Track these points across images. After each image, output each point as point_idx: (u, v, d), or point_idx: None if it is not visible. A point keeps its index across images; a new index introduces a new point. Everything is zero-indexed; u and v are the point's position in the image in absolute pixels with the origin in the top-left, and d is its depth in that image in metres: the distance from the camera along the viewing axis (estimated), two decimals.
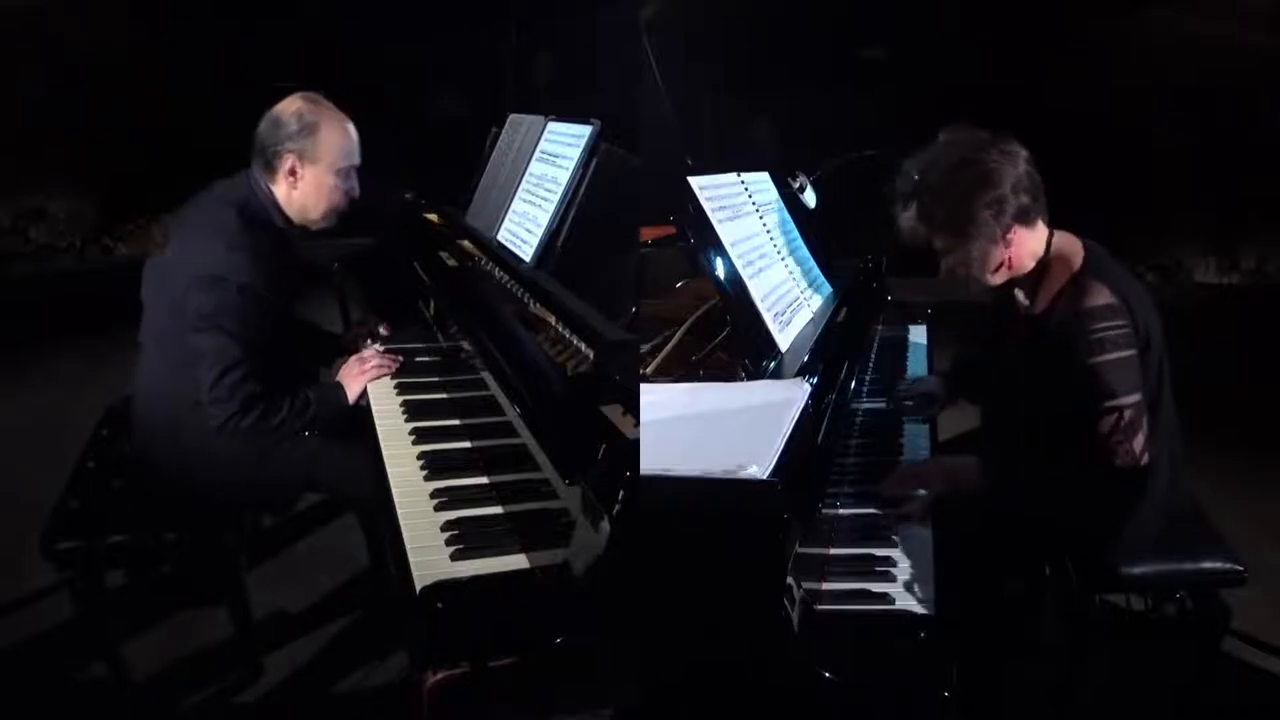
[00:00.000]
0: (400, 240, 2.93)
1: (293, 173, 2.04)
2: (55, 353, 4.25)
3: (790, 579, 1.28)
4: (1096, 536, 1.84)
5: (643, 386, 1.56)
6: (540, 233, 2.27)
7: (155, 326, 2.04)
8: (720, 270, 1.86)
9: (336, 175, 2.07)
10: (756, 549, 1.27)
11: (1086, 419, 1.66)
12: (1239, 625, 2.09)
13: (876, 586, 1.48)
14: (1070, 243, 1.79)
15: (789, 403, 1.50)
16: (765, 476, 1.28)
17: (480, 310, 2.08)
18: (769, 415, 1.46)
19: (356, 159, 2.11)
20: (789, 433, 1.40)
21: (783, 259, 2.16)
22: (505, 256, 2.33)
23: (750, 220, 2.11)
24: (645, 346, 1.93)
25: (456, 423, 1.95)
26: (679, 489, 1.28)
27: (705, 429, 1.50)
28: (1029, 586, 1.98)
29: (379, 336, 2.40)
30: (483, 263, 2.41)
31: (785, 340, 1.89)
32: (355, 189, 2.13)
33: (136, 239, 6.19)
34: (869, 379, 2.35)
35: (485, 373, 1.92)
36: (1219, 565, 1.87)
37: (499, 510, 1.62)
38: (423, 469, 1.76)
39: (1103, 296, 1.67)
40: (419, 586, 1.37)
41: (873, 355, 2.50)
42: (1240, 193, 5.97)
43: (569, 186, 2.27)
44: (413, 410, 2.02)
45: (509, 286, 2.18)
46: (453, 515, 1.59)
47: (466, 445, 1.86)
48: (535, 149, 2.52)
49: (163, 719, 2.19)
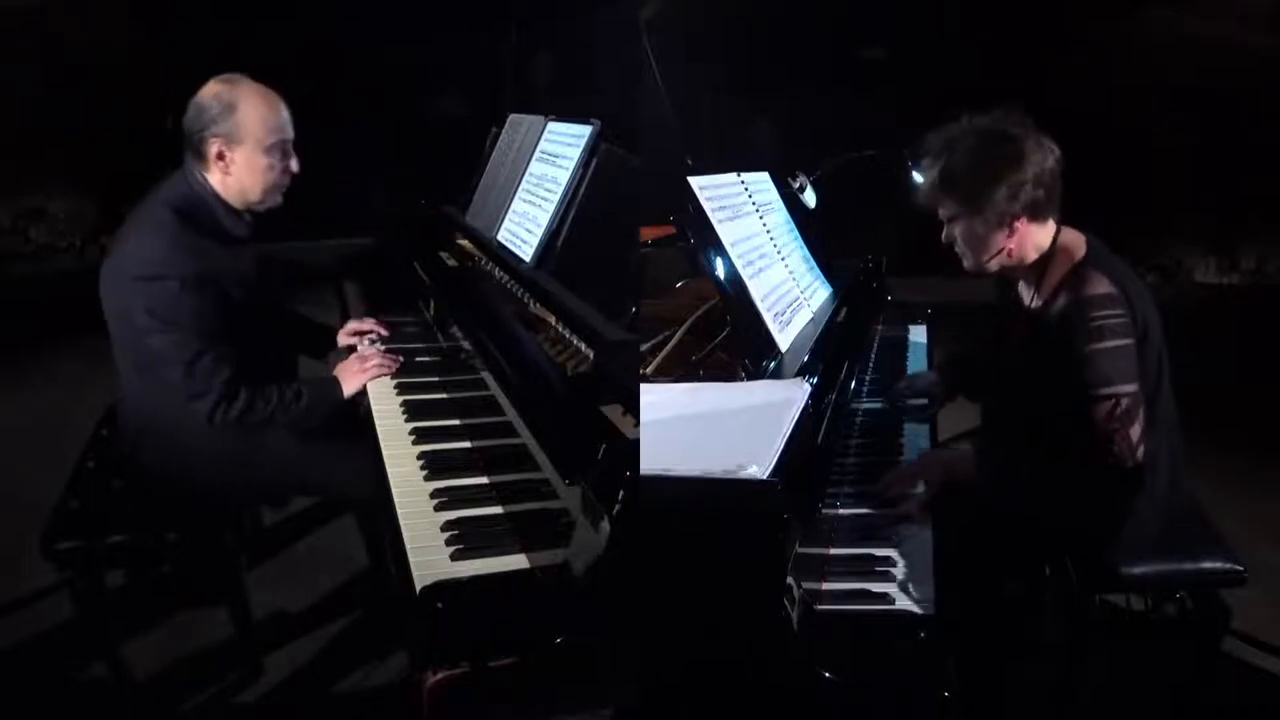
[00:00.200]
0: (400, 240, 2.93)
1: (221, 157, 1.97)
2: (55, 353, 4.25)
3: (790, 579, 1.28)
4: (1096, 535, 1.84)
5: (643, 386, 1.56)
6: (540, 233, 2.27)
7: (115, 332, 2.00)
8: (720, 270, 1.86)
9: (267, 153, 1.98)
10: (756, 549, 1.27)
11: (1084, 409, 1.66)
12: (1239, 625, 2.09)
13: (876, 586, 1.48)
14: (1074, 237, 1.81)
15: (789, 403, 1.50)
16: (765, 476, 1.28)
17: (480, 310, 2.08)
18: (769, 415, 1.46)
19: (287, 133, 2.02)
20: (789, 433, 1.40)
21: (783, 259, 2.16)
22: (505, 256, 2.33)
23: (750, 220, 2.11)
24: (645, 346, 1.93)
25: (456, 423, 1.95)
26: (679, 489, 1.28)
27: (705, 429, 1.50)
28: (1029, 586, 1.98)
29: (380, 337, 2.40)
30: (483, 263, 2.42)
31: (785, 340, 1.89)
32: (293, 164, 2.05)
33: None
34: (869, 379, 2.35)
35: (485, 373, 1.92)
36: (1219, 565, 1.87)
37: (499, 510, 1.62)
38: (423, 469, 1.76)
39: (1103, 286, 1.68)
40: (419, 586, 1.37)
41: (873, 355, 2.50)
42: (1240, 193, 5.97)
43: (569, 186, 2.27)
44: (413, 410, 2.02)
45: (509, 286, 2.18)
46: (453, 515, 1.59)
47: (466, 445, 1.86)
48: (535, 149, 2.52)
49: (163, 719, 2.19)
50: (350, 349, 2.38)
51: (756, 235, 2.09)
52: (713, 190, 1.98)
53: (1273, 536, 2.76)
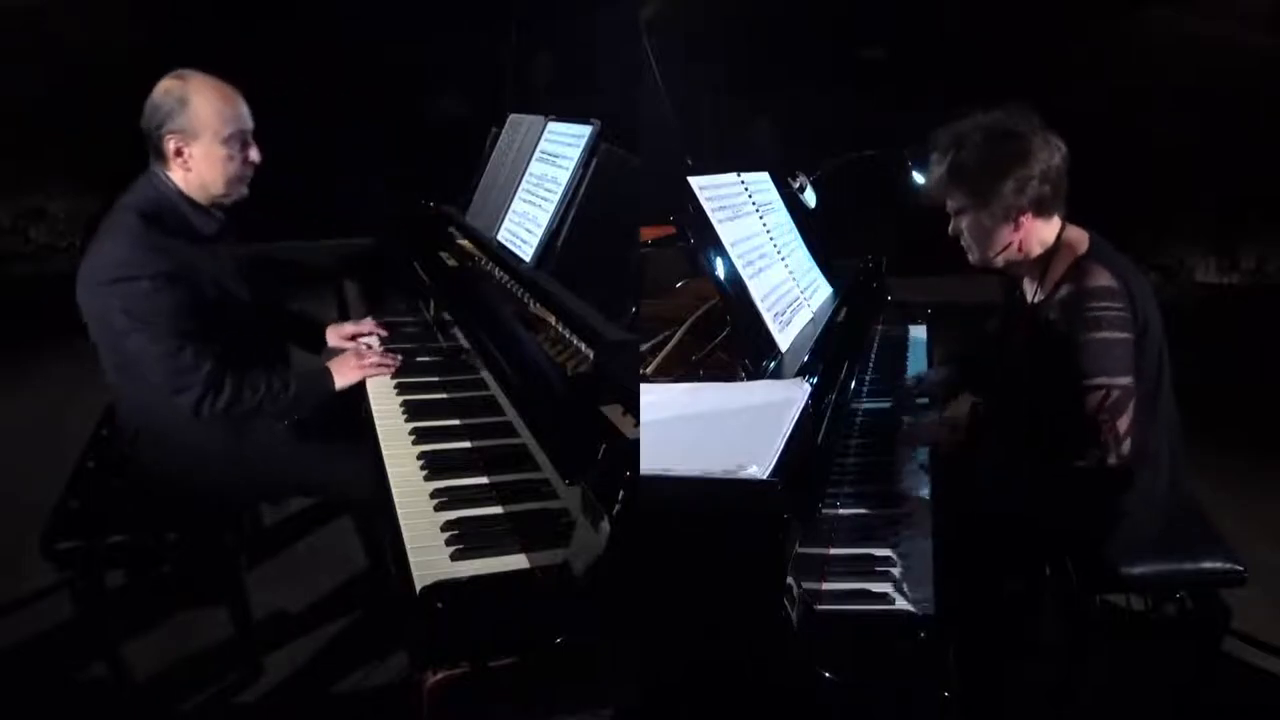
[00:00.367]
0: (400, 240, 2.93)
1: (180, 153, 1.95)
2: (55, 353, 4.24)
3: (790, 579, 1.28)
4: (1088, 532, 1.84)
5: (643, 386, 1.56)
6: (540, 233, 2.27)
7: (96, 338, 1.99)
8: (720, 270, 1.86)
9: (225, 144, 1.96)
10: (756, 549, 1.27)
11: (1076, 399, 1.68)
12: (1239, 625, 2.09)
13: (876, 586, 1.48)
14: (1078, 233, 1.82)
15: (789, 403, 1.50)
16: (765, 476, 1.28)
17: (480, 310, 2.08)
18: (769, 415, 1.46)
19: (244, 123, 2.00)
20: (789, 433, 1.40)
21: (783, 259, 2.16)
22: (505, 256, 2.33)
23: (750, 220, 2.11)
24: (645, 346, 1.93)
25: (456, 423, 1.95)
26: (679, 489, 1.28)
27: (705, 429, 1.50)
28: (1029, 586, 1.98)
29: (380, 338, 2.40)
30: (483, 263, 2.41)
31: (785, 340, 1.89)
32: (253, 154, 2.03)
33: None
34: (869, 379, 2.35)
35: (485, 373, 1.92)
36: (1219, 565, 1.87)
37: (499, 510, 1.62)
38: (423, 469, 1.76)
39: (1103, 279, 1.70)
40: (419, 586, 1.37)
41: (873, 355, 2.50)
42: (1240, 193, 5.97)
43: (569, 186, 2.27)
44: (413, 410, 2.02)
45: (509, 286, 2.18)
46: (453, 515, 1.59)
47: (466, 445, 1.86)
48: (535, 149, 2.52)
49: (162, 719, 2.19)
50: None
51: (756, 235, 2.09)
52: (713, 190, 1.98)
53: (1273, 536, 2.76)
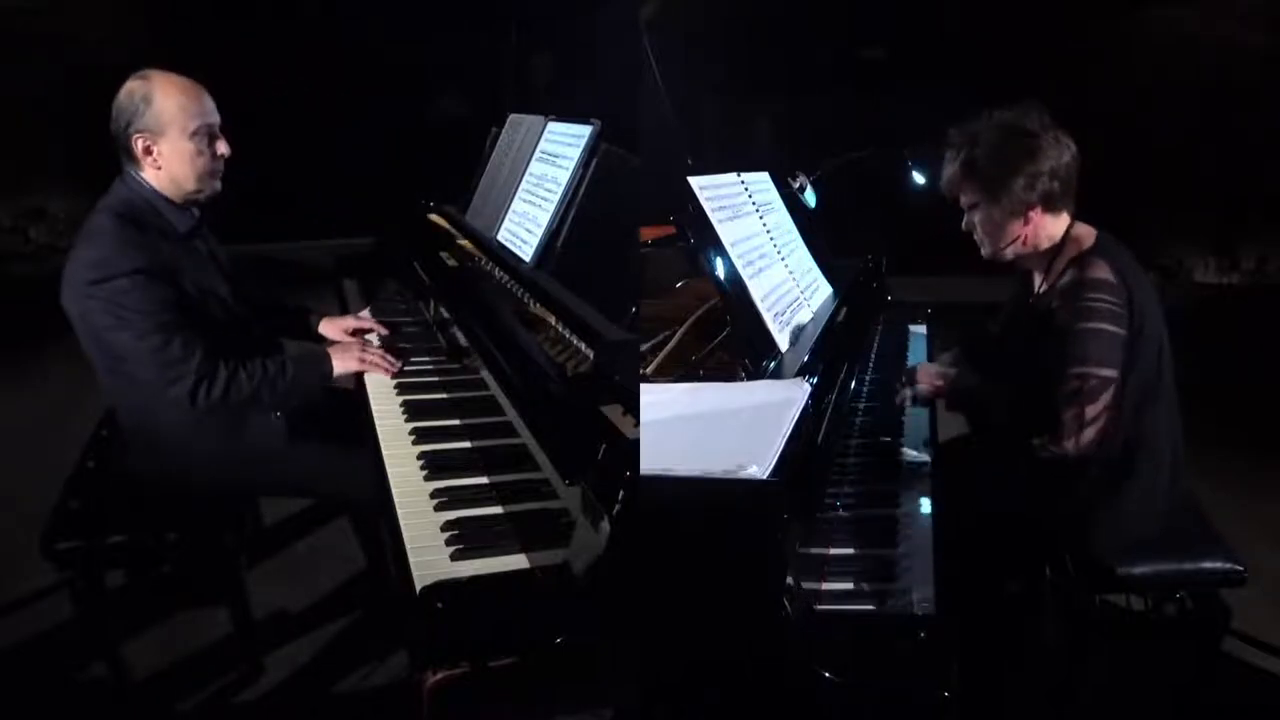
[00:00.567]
0: (400, 240, 2.93)
1: (149, 152, 1.96)
2: (55, 353, 4.23)
3: (790, 579, 1.28)
4: (1084, 528, 1.85)
5: (643, 386, 1.56)
6: (540, 233, 2.27)
7: (84, 342, 1.99)
8: (720, 270, 1.86)
9: (192, 139, 1.96)
10: (756, 549, 1.27)
11: (1055, 383, 1.71)
12: (1239, 625, 2.09)
13: (876, 586, 1.47)
14: (1085, 230, 1.87)
15: (789, 403, 1.50)
16: (765, 476, 1.28)
17: (480, 310, 2.08)
18: (769, 415, 1.46)
19: (210, 117, 2.00)
20: (789, 433, 1.40)
21: (783, 259, 2.16)
22: (505, 256, 2.33)
23: (750, 220, 2.11)
24: (645, 346, 1.93)
25: (456, 423, 1.95)
26: (679, 489, 1.28)
27: (705, 429, 1.50)
28: (1029, 586, 1.98)
29: (381, 336, 2.40)
30: (483, 263, 2.41)
31: (785, 340, 1.89)
32: (221, 147, 2.02)
33: None
34: (869, 379, 2.35)
35: (485, 373, 1.92)
36: (1219, 565, 1.87)
37: (499, 510, 1.62)
38: (423, 469, 1.76)
39: (1102, 271, 1.74)
40: (419, 586, 1.37)
41: (873, 355, 2.50)
42: (1240, 193, 5.97)
43: (569, 186, 2.27)
44: (413, 410, 2.02)
45: (509, 286, 2.17)
46: (453, 515, 1.59)
47: (466, 445, 1.86)
48: (535, 149, 2.52)
49: (162, 719, 2.19)
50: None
51: (756, 235, 2.09)
52: (713, 190, 1.98)
53: (1273, 536, 2.76)
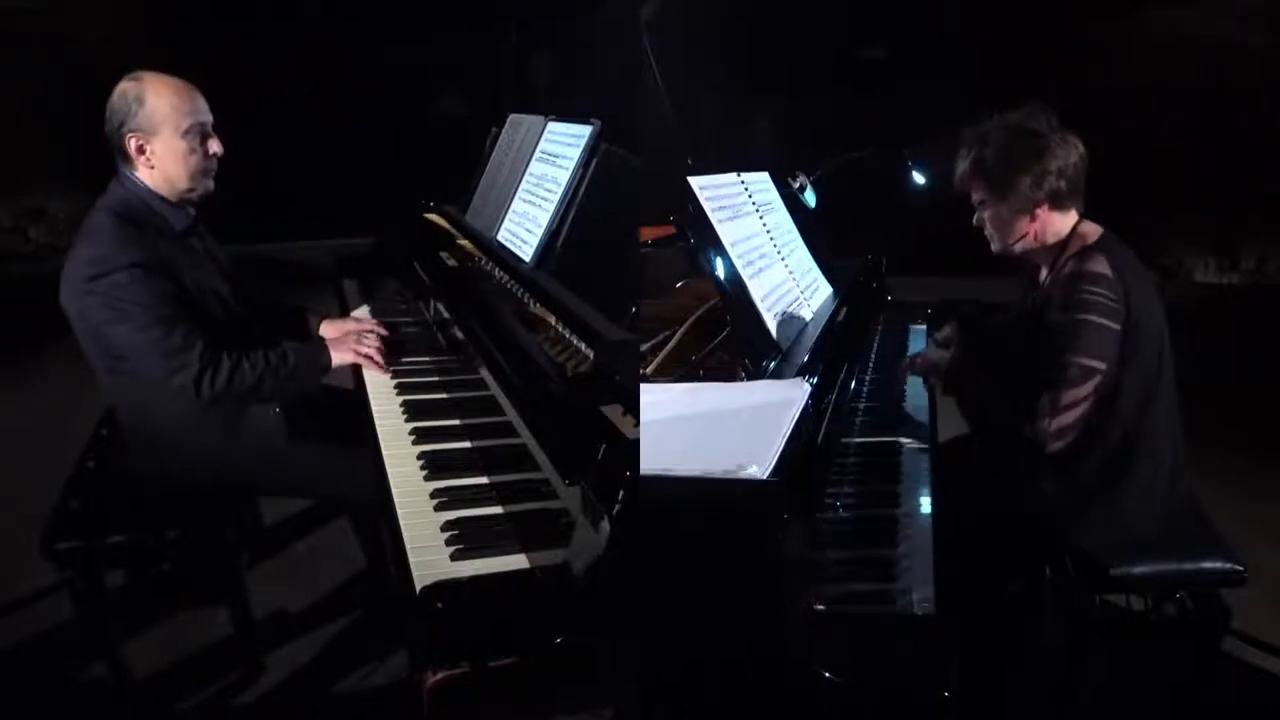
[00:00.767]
0: (400, 240, 2.93)
1: (142, 151, 1.98)
2: (55, 353, 4.23)
3: (790, 579, 1.28)
4: (1083, 525, 1.85)
5: (643, 386, 1.56)
6: (540, 233, 2.27)
7: (83, 341, 2.00)
8: (720, 270, 1.86)
9: (184, 137, 1.99)
10: (756, 549, 1.27)
11: (1042, 369, 1.75)
12: (1239, 625, 2.09)
13: (876, 587, 1.47)
14: (1091, 227, 1.90)
15: (789, 403, 1.50)
16: (765, 476, 1.28)
17: (480, 310, 2.08)
18: (769, 415, 1.46)
19: (202, 116, 2.02)
20: (789, 433, 1.40)
21: (783, 259, 2.16)
22: (505, 256, 2.33)
23: (750, 220, 2.11)
24: (645, 346, 1.93)
25: (456, 423, 1.95)
26: (679, 489, 1.28)
27: (705, 429, 1.50)
28: (1029, 586, 1.98)
29: (381, 336, 2.40)
30: (483, 263, 2.41)
31: (785, 340, 1.89)
32: (213, 145, 2.04)
33: None
34: (869, 379, 2.35)
35: (485, 373, 1.92)
36: (1219, 565, 1.87)
37: (499, 510, 1.61)
38: (423, 469, 1.76)
39: (1100, 266, 1.77)
40: (419, 586, 1.37)
41: (873, 355, 2.50)
42: (1240, 193, 5.97)
43: (569, 186, 2.27)
44: (413, 410, 2.02)
45: (509, 286, 2.17)
46: (453, 515, 1.59)
47: (466, 445, 1.86)
48: (535, 149, 2.52)
49: (162, 719, 2.19)
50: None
51: (756, 235, 2.09)
52: (713, 190, 1.98)
53: (1273, 536, 2.76)
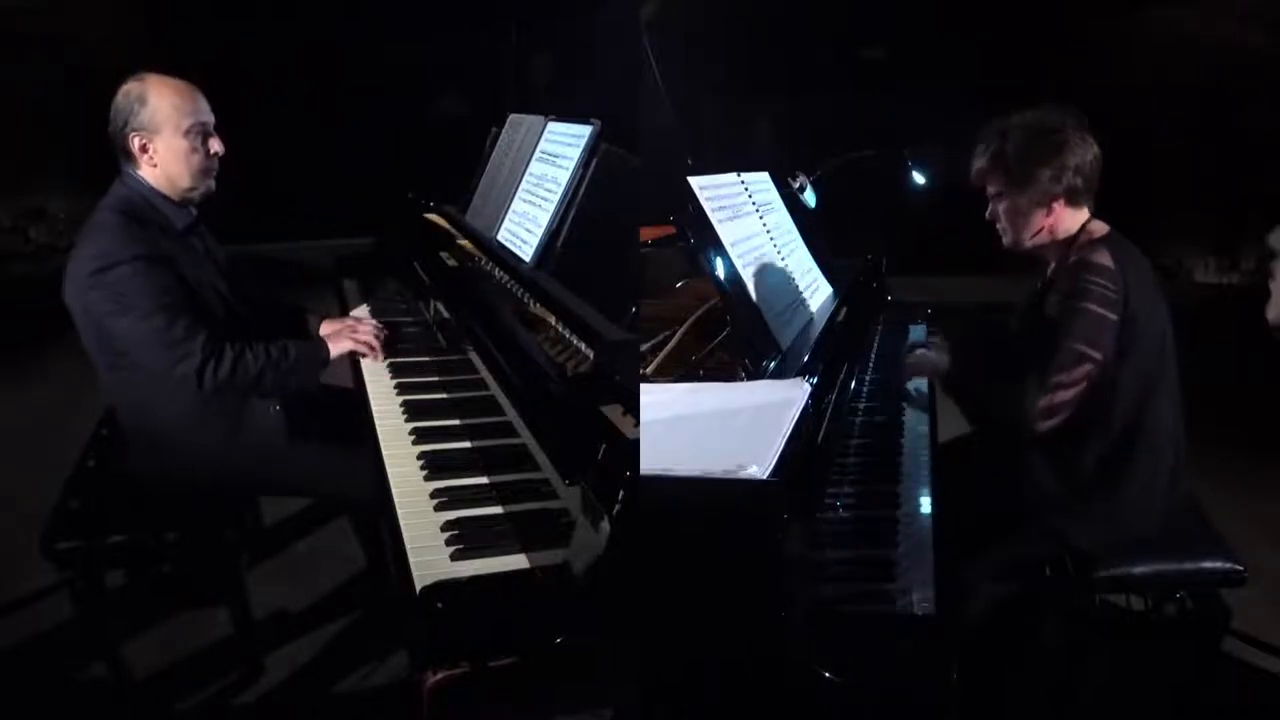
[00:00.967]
0: (400, 240, 2.93)
1: (145, 150, 2.01)
2: (55, 353, 4.23)
3: (790, 579, 1.28)
4: (1083, 524, 1.85)
5: (643, 386, 1.56)
6: (540, 233, 2.27)
7: (86, 337, 2.01)
8: (720, 270, 1.86)
9: (186, 136, 2.01)
10: (757, 549, 1.27)
11: (1040, 354, 1.77)
12: (1239, 625, 2.09)
13: (876, 587, 1.48)
14: (1099, 225, 1.92)
15: (789, 403, 1.50)
16: (765, 476, 1.28)
17: (480, 310, 2.08)
18: (769, 415, 1.46)
19: (204, 116, 2.05)
20: (789, 433, 1.40)
21: (783, 259, 2.16)
22: (505, 256, 2.33)
23: (750, 220, 2.11)
24: (645, 346, 1.93)
25: (456, 423, 1.95)
26: (679, 489, 1.28)
27: (705, 429, 1.50)
28: (1029, 586, 1.98)
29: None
30: (483, 263, 2.41)
31: (785, 340, 1.89)
32: (214, 145, 2.07)
33: None
34: (869, 379, 2.35)
35: (485, 373, 1.92)
36: (1219, 565, 1.87)
37: (499, 510, 1.61)
38: (423, 469, 1.76)
39: (1103, 258, 1.79)
40: (419, 586, 1.37)
41: (873, 355, 2.50)
42: (1240, 193, 5.97)
43: (569, 186, 2.27)
44: (413, 410, 2.02)
45: (509, 286, 2.17)
46: (453, 515, 1.59)
47: (466, 445, 1.86)
48: (535, 149, 2.52)
49: (162, 719, 2.19)
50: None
51: (756, 235, 2.09)
52: (713, 190, 1.98)
53: (1273, 536, 2.76)
